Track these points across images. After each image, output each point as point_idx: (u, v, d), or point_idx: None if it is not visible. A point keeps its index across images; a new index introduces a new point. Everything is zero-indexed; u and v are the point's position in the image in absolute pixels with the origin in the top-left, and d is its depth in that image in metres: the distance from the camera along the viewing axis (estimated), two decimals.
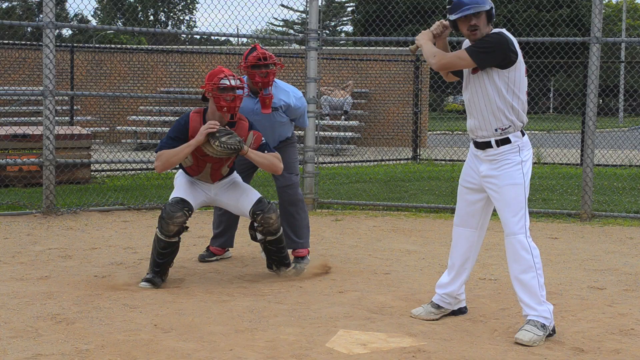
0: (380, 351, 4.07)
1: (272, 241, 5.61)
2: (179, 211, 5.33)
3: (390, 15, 13.17)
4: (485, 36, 4.30)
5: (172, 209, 5.32)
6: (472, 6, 4.26)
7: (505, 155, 4.38)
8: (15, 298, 4.99)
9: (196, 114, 5.43)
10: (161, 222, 5.34)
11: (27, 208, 8.63)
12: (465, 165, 4.63)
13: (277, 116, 6.00)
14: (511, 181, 4.36)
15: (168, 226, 5.31)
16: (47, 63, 8.26)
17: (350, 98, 18.76)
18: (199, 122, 5.37)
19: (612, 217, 8.66)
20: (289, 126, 6.18)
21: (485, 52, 4.26)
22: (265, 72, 5.75)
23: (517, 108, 4.35)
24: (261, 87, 5.79)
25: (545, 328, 4.26)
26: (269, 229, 5.52)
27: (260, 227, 5.53)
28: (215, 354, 3.97)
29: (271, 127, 6.01)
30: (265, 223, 5.49)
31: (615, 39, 12.04)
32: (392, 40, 9.87)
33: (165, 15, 57.16)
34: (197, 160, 5.46)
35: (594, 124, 8.63)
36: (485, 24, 4.32)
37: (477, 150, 4.48)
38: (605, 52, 20.14)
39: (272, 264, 5.77)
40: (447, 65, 4.39)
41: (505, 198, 4.37)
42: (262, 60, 5.73)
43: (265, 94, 5.81)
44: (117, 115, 19.20)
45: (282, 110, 6.01)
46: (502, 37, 4.27)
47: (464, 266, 4.66)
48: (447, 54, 4.39)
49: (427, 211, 9.18)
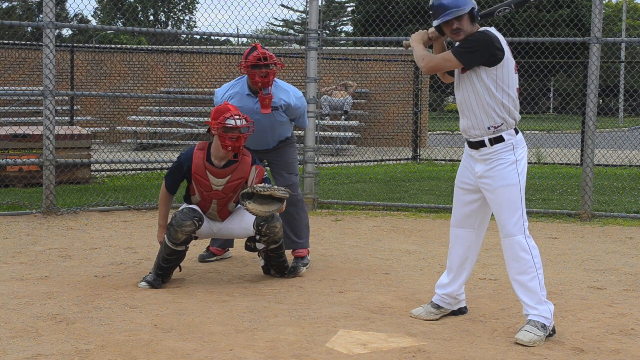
0: (380, 351, 4.07)
1: (275, 249, 5.61)
2: (188, 220, 5.33)
3: (390, 15, 13.16)
4: (469, 36, 4.31)
5: (183, 217, 5.34)
6: (452, 10, 4.29)
7: (499, 154, 4.36)
8: (15, 298, 4.99)
9: (200, 151, 5.47)
10: (170, 229, 5.36)
11: (27, 208, 8.63)
12: (461, 165, 4.63)
13: (277, 115, 5.98)
14: (505, 182, 4.34)
15: (176, 234, 5.32)
16: (47, 63, 8.26)
17: (350, 98, 18.76)
18: (202, 159, 5.42)
19: (612, 217, 8.66)
20: (288, 126, 6.18)
21: (470, 52, 4.27)
22: (265, 72, 5.73)
23: (507, 105, 4.34)
24: (261, 86, 5.77)
25: (545, 328, 4.26)
26: (274, 238, 5.51)
27: (265, 238, 5.51)
28: (215, 354, 3.97)
29: (271, 127, 6.01)
30: (271, 232, 5.47)
31: (615, 39, 12.03)
32: (392, 40, 9.87)
33: (165, 15, 57.15)
34: (202, 196, 5.49)
35: (594, 124, 8.63)
36: (469, 24, 4.33)
37: (472, 150, 4.48)
38: (605, 52, 20.11)
39: (271, 270, 5.77)
40: (435, 67, 4.41)
41: (501, 199, 4.35)
42: (262, 60, 5.71)
43: (264, 93, 5.78)
44: (117, 115, 19.20)
45: (282, 110, 5.98)
46: (486, 35, 4.28)
47: (463, 267, 4.66)
48: (435, 57, 4.41)
49: (427, 211, 9.18)
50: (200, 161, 5.42)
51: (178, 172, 5.50)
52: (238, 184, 5.47)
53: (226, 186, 5.43)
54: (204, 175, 5.41)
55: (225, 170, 5.42)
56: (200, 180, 5.42)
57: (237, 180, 5.45)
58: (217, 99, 6.01)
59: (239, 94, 5.90)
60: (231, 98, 5.90)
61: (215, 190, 5.43)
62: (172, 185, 5.56)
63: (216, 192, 5.44)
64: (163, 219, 5.57)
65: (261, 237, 5.51)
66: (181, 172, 5.48)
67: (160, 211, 5.61)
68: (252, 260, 6.34)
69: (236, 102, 5.83)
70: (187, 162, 5.45)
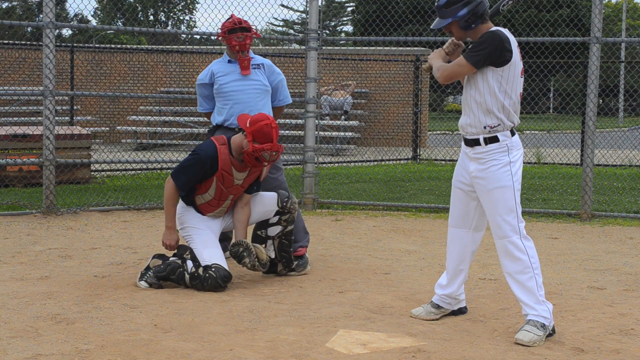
0: (380, 351, 4.07)
1: (289, 232, 5.69)
2: (221, 287, 5.22)
3: (390, 15, 13.15)
4: (480, 36, 4.33)
5: (221, 284, 5.20)
6: (439, 20, 4.39)
7: (492, 154, 4.35)
8: (15, 298, 4.99)
9: (223, 147, 5.33)
10: (199, 280, 5.21)
11: (27, 208, 8.63)
12: (457, 165, 4.62)
13: (260, 77, 6.16)
14: (499, 184, 4.33)
15: (203, 287, 5.22)
16: (47, 63, 8.26)
17: (350, 98, 18.76)
18: (228, 155, 5.32)
19: (612, 217, 8.66)
20: (269, 100, 6.25)
21: (479, 52, 4.28)
22: (242, 36, 6.03)
23: (507, 107, 4.34)
24: (239, 49, 6.04)
25: (545, 328, 4.26)
26: (293, 216, 5.63)
27: (286, 216, 5.59)
28: (215, 354, 3.97)
29: (255, 96, 6.08)
30: (293, 208, 5.61)
31: (615, 39, 12.03)
32: (392, 40, 9.87)
33: (165, 15, 57.16)
34: (219, 195, 5.40)
35: (594, 124, 8.63)
36: (459, 30, 4.37)
37: (467, 147, 4.48)
38: (605, 52, 20.13)
39: (279, 264, 5.75)
40: (450, 75, 4.40)
41: (495, 201, 4.34)
42: (238, 24, 6.04)
43: (243, 56, 6.08)
44: (117, 115, 19.21)
45: (263, 70, 6.21)
46: (496, 35, 4.28)
47: (460, 267, 4.66)
48: (448, 65, 4.42)
49: (427, 211, 9.18)
50: (227, 157, 5.32)
51: (199, 169, 5.28)
52: (254, 177, 5.48)
53: (245, 180, 5.42)
54: (230, 171, 5.33)
55: (245, 164, 5.39)
56: (227, 176, 5.33)
57: (255, 173, 5.47)
58: (200, 76, 6.21)
59: (219, 63, 6.22)
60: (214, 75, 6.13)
61: (236, 185, 5.39)
62: (187, 184, 5.33)
63: (236, 187, 5.40)
64: (172, 221, 5.41)
65: (282, 217, 5.58)
66: (203, 169, 5.27)
67: (169, 212, 5.41)
68: None
69: (219, 69, 6.13)
70: (211, 159, 5.27)
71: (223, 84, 6.06)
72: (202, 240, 5.35)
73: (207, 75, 6.17)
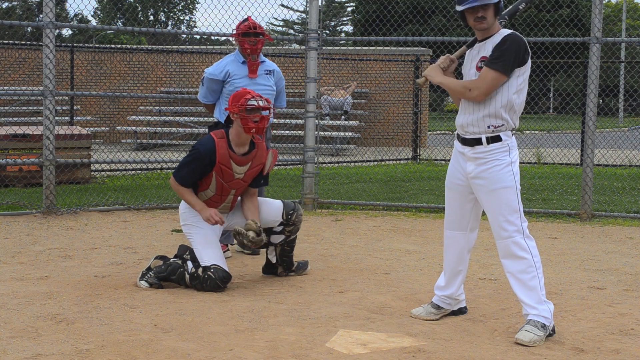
0: (380, 351, 4.07)
1: (292, 240, 5.69)
2: (220, 288, 5.22)
3: (390, 15, 13.17)
4: (500, 41, 4.25)
5: (220, 285, 5.19)
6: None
7: (494, 154, 4.32)
8: (15, 298, 4.99)
9: (222, 140, 5.31)
10: (198, 281, 5.22)
11: (27, 208, 8.63)
12: (450, 166, 4.56)
13: (270, 82, 6.44)
14: (502, 184, 4.31)
15: (203, 288, 5.22)
16: (47, 63, 8.26)
17: (350, 98, 18.76)
18: (226, 148, 5.29)
19: (612, 217, 8.66)
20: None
21: (507, 59, 4.20)
22: (255, 41, 6.31)
23: (515, 109, 4.33)
24: (249, 53, 6.33)
25: (545, 328, 4.26)
26: (298, 227, 5.64)
27: (291, 227, 5.58)
28: (215, 354, 3.97)
29: None
30: (298, 221, 5.61)
31: (615, 39, 12.04)
32: (392, 40, 9.87)
33: (165, 15, 57.16)
34: (221, 190, 5.38)
35: (594, 124, 8.63)
36: (493, 16, 4.28)
37: (464, 147, 4.42)
38: (605, 52, 20.14)
39: (279, 267, 5.75)
40: (489, 90, 4.26)
41: (497, 202, 4.31)
42: (252, 29, 6.30)
43: (252, 59, 6.37)
44: (117, 115, 19.21)
45: (273, 76, 6.48)
46: (517, 37, 4.26)
47: (457, 269, 4.65)
48: (482, 82, 4.26)
49: (427, 211, 9.18)
50: (225, 151, 5.29)
51: (198, 164, 5.27)
52: (257, 170, 5.47)
53: (247, 174, 5.40)
54: (229, 165, 5.31)
55: (247, 157, 5.37)
56: (225, 170, 5.31)
57: (257, 167, 5.45)
58: (213, 71, 6.38)
59: (235, 63, 6.42)
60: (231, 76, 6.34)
61: (237, 179, 5.37)
62: (188, 180, 5.32)
63: (237, 181, 5.38)
64: (199, 204, 5.35)
65: (286, 228, 5.57)
66: (202, 164, 5.26)
67: (191, 201, 5.34)
68: (252, 260, 6.34)
69: (235, 70, 6.35)
70: (209, 154, 5.26)
71: (239, 87, 6.09)
72: (202, 240, 5.35)
73: (221, 72, 6.37)
